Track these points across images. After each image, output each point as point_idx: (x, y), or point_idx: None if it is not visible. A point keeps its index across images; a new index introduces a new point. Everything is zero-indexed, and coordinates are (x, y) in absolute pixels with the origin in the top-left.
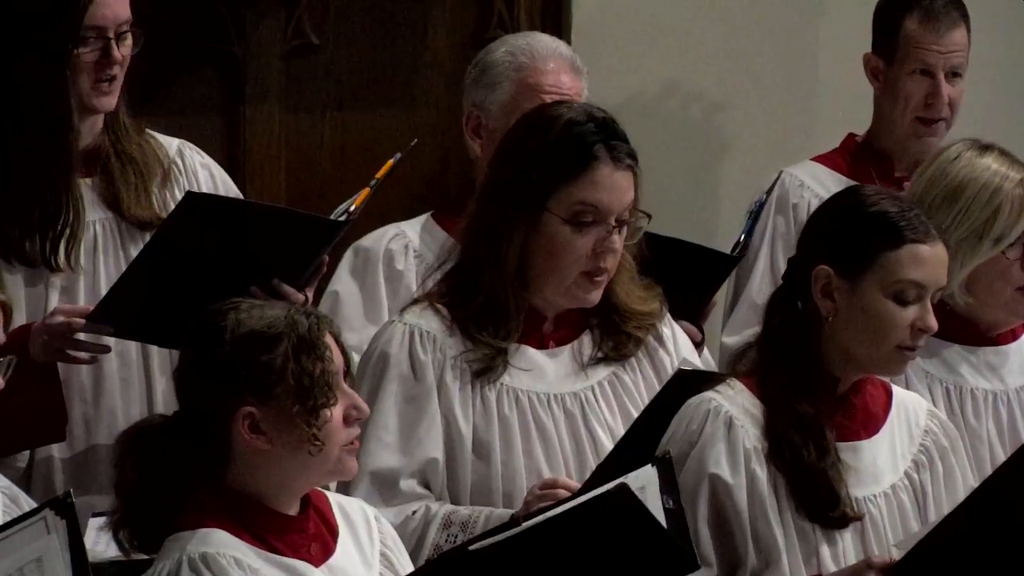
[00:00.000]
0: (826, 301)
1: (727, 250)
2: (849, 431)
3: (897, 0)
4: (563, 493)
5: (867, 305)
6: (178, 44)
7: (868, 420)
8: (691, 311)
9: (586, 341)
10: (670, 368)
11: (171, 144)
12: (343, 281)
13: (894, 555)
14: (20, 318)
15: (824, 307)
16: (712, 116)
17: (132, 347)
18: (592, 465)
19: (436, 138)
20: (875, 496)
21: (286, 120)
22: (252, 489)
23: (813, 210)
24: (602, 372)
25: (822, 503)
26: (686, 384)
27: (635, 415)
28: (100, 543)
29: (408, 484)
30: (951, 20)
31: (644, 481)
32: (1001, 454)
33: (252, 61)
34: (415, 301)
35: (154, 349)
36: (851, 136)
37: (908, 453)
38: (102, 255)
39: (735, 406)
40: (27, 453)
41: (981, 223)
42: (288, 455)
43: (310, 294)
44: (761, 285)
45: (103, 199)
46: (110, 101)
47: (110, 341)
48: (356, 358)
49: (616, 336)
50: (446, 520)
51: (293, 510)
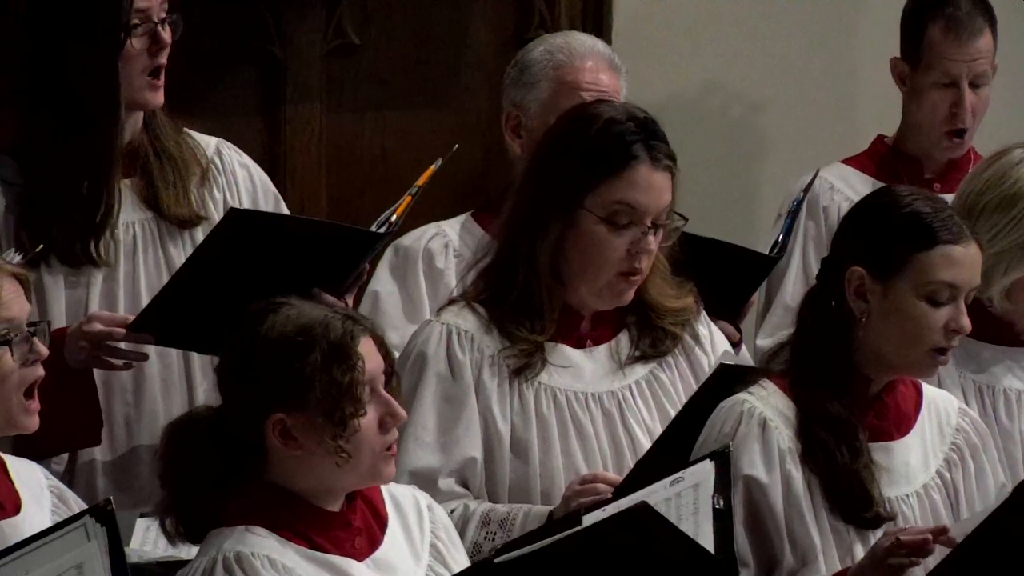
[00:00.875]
0: (859, 302)
1: (765, 249)
2: (881, 431)
3: (922, 6)
4: (603, 488)
5: (900, 306)
6: (219, 45)
7: (900, 420)
8: (729, 311)
9: (623, 340)
10: (707, 367)
11: (209, 143)
12: (383, 280)
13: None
14: (60, 320)
15: (857, 308)
16: (751, 116)
17: (174, 349)
18: (630, 464)
19: (477, 138)
20: (907, 496)
21: (326, 120)
22: (291, 486)
23: (843, 213)
24: (640, 371)
25: (855, 504)
26: (727, 379)
27: (673, 414)
28: (148, 542)
29: (447, 483)
30: (975, 27)
31: (700, 477)
32: None
33: (293, 61)
34: (452, 301)
35: None
36: (880, 138)
37: (940, 452)
38: (141, 255)
39: (768, 407)
40: (65, 455)
41: None
42: (320, 461)
43: (350, 300)
44: (794, 288)
45: (142, 199)
46: (159, 97)
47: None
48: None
49: (653, 333)
50: (484, 518)
51: (336, 506)
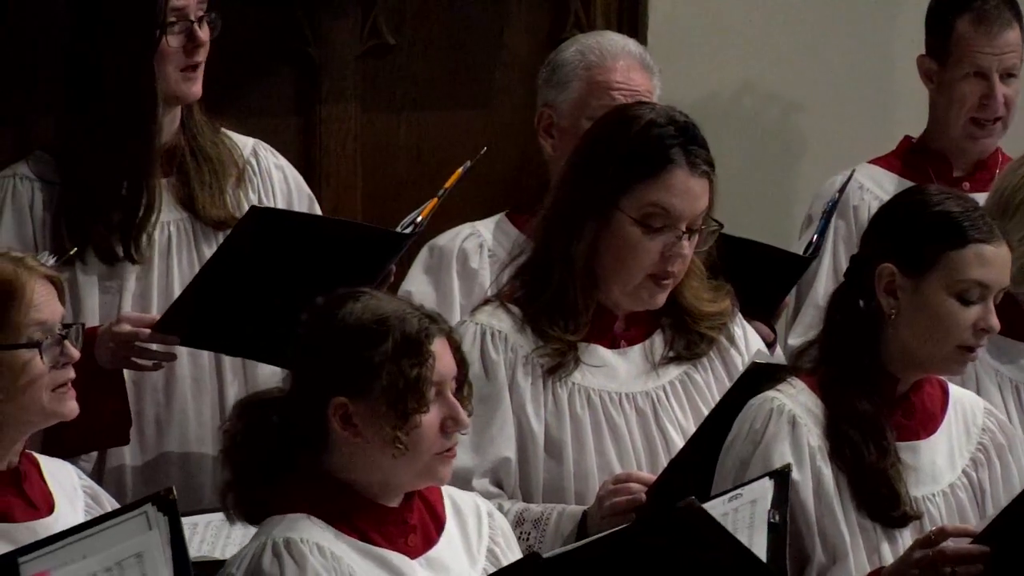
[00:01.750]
0: (889, 299)
1: (799, 250)
2: (908, 430)
3: (948, 2)
4: (636, 487)
5: (930, 304)
6: (255, 45)
7: (926, 419)
8: (763, 311)
9: (657, 341)
10: (741, 367)
11: (246, 144)
12: (417, 280)
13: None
14: (93, 319)
15: (887, 305)
16: (787, 116)
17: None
18: (664, 463)
19: (512, 138)
20: (934, 495)
21: (362, 120)
22: (348, 478)
23: (873, 212)
24: (673, 371)
25: (883, 502)
26: (760, 377)
27: (707, 414)
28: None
29: (480, 483)
30: (1004, 21)
31: (758, 494)
32: None
33: (329, 62)
34: (486, 301)
35: None
36: (907, 138)
37: (966, 451)
38: (175, 255)
39: (797, 405)
40: (95, 454)
41: None
42: (377, 452)
43: None
44: (826, 287)
45: (178, 199)
46: (196, 88)
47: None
48: None
49: (688, 336)
50: (518, 517)
51: (394, 502)
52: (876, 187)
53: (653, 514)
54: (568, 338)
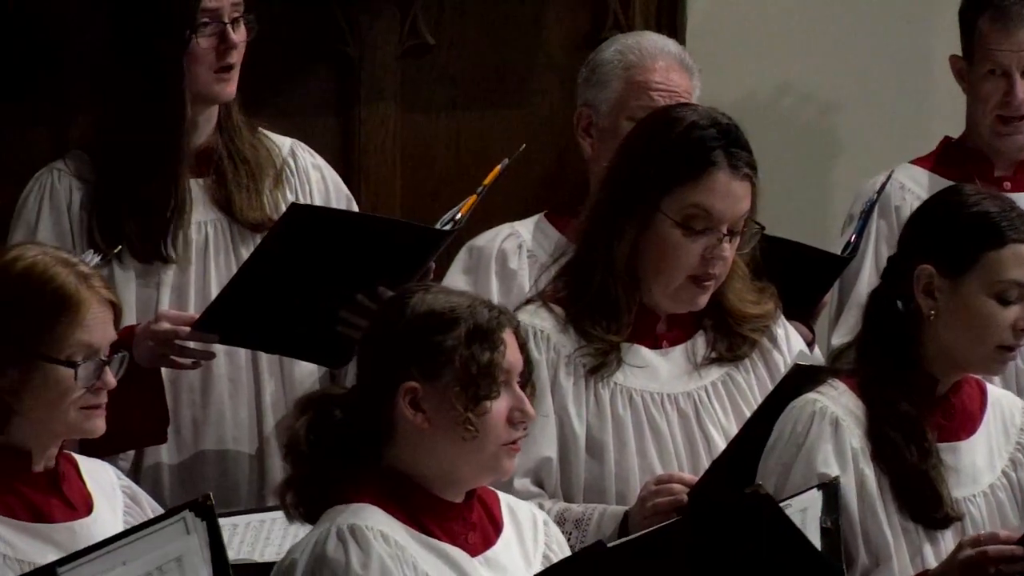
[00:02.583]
0: (928, 300)
1: (837, 250)
2: (948, 431)
3: (973, 2)
4: (678, 488)
5: (969, 304)
6: (294, 45)
7: (966, 420)
8: (801, 311)
9: (699, 341)
10: (783, 368)
11: (284, 144)
12: (456, 280)
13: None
14: (131, 317)
15: (926, 306)
16: (825, 117)
17: (241, 349)
18: (705, 465)
19: (551, 138)
20: (974, 496)
21: (401, 120)
22: (412, 471)
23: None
24: (715, 372)
25: (925, 504)
26: (803, 379)
27: (748, 415)
28: None
29: (522, 483)
30: (1022, 19)
31: (807, 503)
32: None
33: (367, 61)
34: (528, 300)
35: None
36: (946, 139)
37: (1004, 452)
38: (212, 256)
39: (839, 406)
40: (131, 453)
41: None
42: (444, 439)
43: None
44: (869, 288)
45: (215, 200)
46: (230, 89)
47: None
48: None
49: (731, 338)
50: (559, 517)
51: (456, 498)
52: (917, 187)
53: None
54: (610, 338)
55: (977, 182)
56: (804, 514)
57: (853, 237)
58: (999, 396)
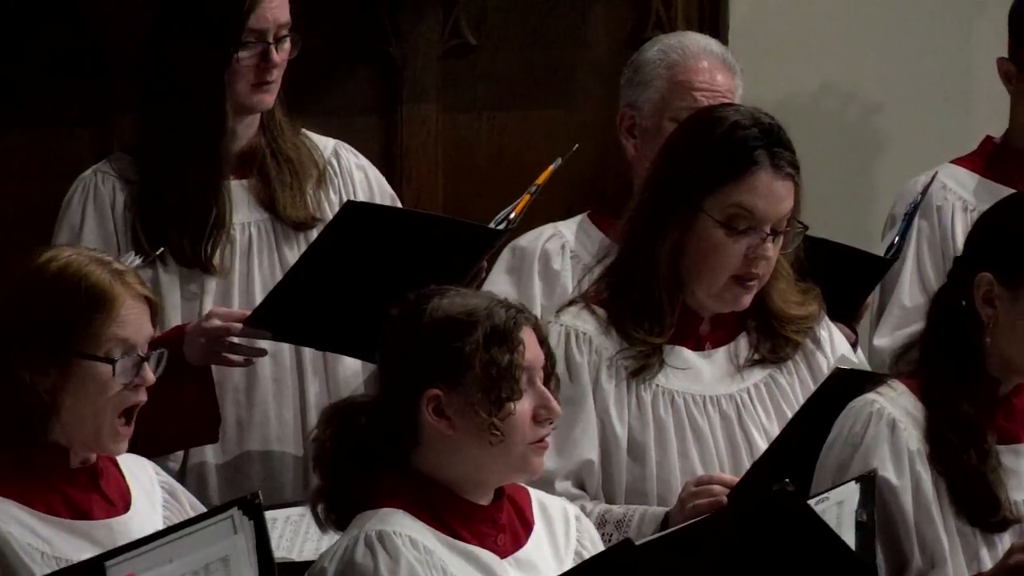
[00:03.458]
0: (987, 308)
1: (880, 250)
2: (1009, 433)
3: None
4: (719, 489)
5: None
6: (336, 45)
7: None
8: (844, 313)
9: (742, 343)
10: (827, 370)
11: (327, 144)
12: (499, 280)
13: None
14: (175, 318)
15: (985, 314)
16: (868, 116)
17: (285, 349)
18: (747, 466)
19: (594, 139)
20: None
21: (443, 120)
22: (440, 475)
23: (956, 212)
24: (758, 374)
25: (983, 507)
26: (844, 382)
27: (791, 417)
28: None
29: (563, 486)
30: None
31: (844, 496)
32: None
33: (410, 62)
34: (571, 302)
35: (307, 350)
36: (989, 139)
37: None
38: (256, 256)
39: (897, 408)
40: (180, 454)
41: None
42: (470, 443)
43: None
44: (910, 288)
45: (259, 200)
46: (268, 99)
47: (265, 343)
48: None
49: (774, 339)
50: (601, 519)
51: (484, 500)
52: (959, 187)
53: (745, 500)
54: (653, 340)
55: (1017, 181)
56: (840, 507)
57: (896, 239)
58: None
